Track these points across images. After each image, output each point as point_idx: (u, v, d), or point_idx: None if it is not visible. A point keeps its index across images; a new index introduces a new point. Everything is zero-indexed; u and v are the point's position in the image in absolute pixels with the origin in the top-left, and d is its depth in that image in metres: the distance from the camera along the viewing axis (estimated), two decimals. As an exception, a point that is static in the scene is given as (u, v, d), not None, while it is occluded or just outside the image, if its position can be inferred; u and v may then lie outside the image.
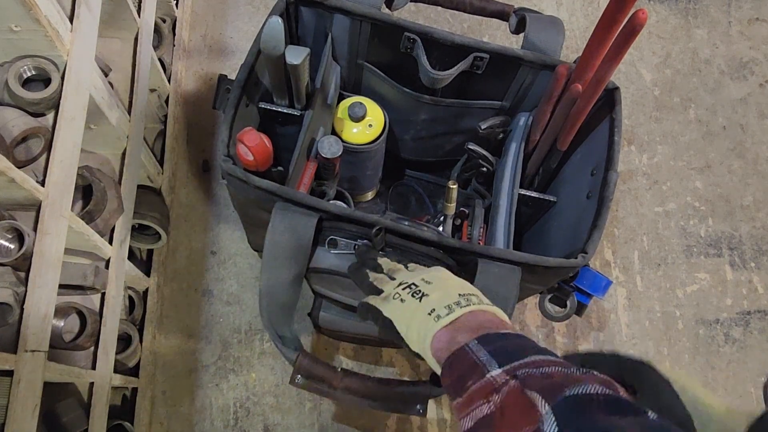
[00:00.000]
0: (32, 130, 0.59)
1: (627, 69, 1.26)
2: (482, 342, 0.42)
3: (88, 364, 0.71)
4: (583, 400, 0.33)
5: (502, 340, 0.42)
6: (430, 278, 0.52)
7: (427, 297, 0.49)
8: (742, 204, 1.19)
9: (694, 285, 1.12)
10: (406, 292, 0.51)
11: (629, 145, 1.21)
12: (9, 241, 0.56)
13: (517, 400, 0.36)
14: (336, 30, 0.79)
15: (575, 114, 0.72)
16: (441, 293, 0.49)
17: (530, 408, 0.34)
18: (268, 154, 0.64)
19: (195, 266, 1.01)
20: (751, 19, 1.33)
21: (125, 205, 0.76)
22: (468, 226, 0.91)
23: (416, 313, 0.48)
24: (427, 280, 0.52)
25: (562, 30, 0.79)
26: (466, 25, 1.25)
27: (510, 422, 0.35)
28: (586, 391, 0.33)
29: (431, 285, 0.51)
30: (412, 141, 0.97)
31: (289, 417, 0.95)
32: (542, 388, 0.35)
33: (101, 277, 0.69)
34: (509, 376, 0.38)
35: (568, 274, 0.68)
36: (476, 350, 0.42)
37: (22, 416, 0.52)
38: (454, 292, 0.49)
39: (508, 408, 0.36)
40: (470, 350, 0.42)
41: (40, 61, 0.60)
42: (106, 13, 0.73)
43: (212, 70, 1.13)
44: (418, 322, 0.48)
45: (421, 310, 0.48)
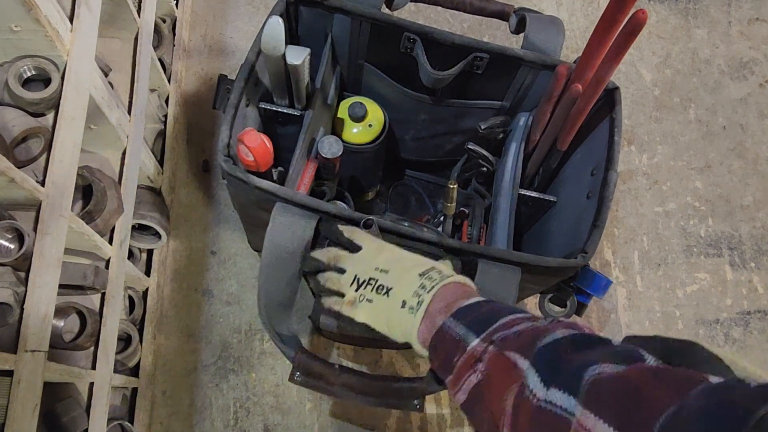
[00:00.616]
0: (32, 130, 0.59)
1: (627, 69, 1.26)
2: (456, 317, 0.45)
3: (88, 364, 0.71)
4: (554, 347, 0.36)
5: (474, 310, 0.45)
6: (383, 264, 0.52)
7: (392, 290, 0.50)
8: (742, 204, 1.19)
9: (694, 285, 1.12)
10: (369, 291, 0.51)
11: (629, 145, 1.21)
12: (9, 241, 0.56)
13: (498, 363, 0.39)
14: (336, 30, 0.79)
15: (575, 114, 0.72)
16: (402, 281, 0.49)
17: (512, 367, 0.37)
18: (269, 154, 0.64)
19: (195, 266, 1.02)
20: (751, 19, 1.33)
21: (125, 205, 0.76)
22: (468, 226, 0.91)
23: (390, 311, 0.49)
24: (381, 268, 0.52)
25: (562, 30, 0.79)
26: (466, 25, 1.25)
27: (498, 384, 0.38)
28: (554, 338, 0.37)
29: (389, 274, 0.51)
30: (412, 141, 0.97)
31: (289, 417, 0.95)
32: (518, 346, 0.38)
33: (101, 277, 0.69)
34: (487, 343, 0.41)
35: (568, 274, 0.68)
36: (453, 326, 0.44)
37: (22, 416, 0.52)
38: (413, 274, 0.49)
39: (493, 372, 0.39)
40: (448, 328, 0.44)
41: (40, 61, 0.60)
42: (106, 13, 0.73)
43: (212, 70, 1.13)
44: (396, 319, 0.49)
45: (393, 306, 0.49)
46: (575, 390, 0.32)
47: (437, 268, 0.51)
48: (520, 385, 0.36)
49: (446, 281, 0.49)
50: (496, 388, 0.38)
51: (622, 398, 0.30)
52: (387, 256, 0.53)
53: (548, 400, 0.33)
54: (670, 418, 0.27)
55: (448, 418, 0.99)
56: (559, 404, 0.33)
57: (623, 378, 0.31)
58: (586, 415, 0.31)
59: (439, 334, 0.45)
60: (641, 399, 0.29)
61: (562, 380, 0.33)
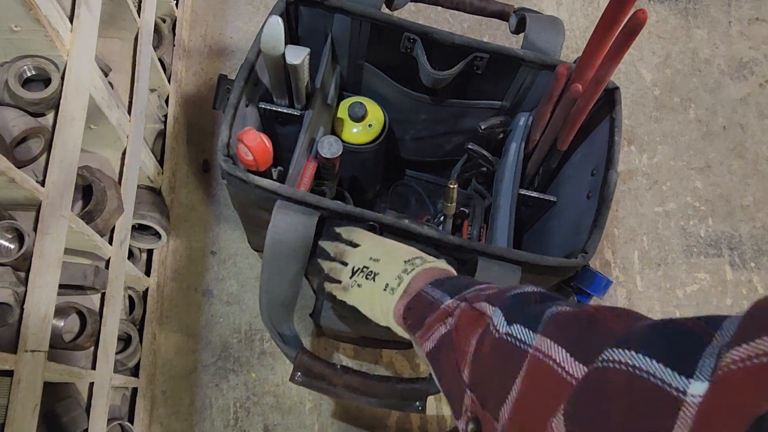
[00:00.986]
0: (32, 130, 0.59)
1: (627, 69, 1.26)
2: (435, 285, 0.48)
3: (88, 364, 0.70)
4: (521, 297, 0.39)
5: (452, 280, 0.48)
6: (377, 254, 0.55)
7: (378, 275, 0.53)
8: (742, 204, 1.19)
9: (694, 285, 1.12)
10: (361, 277, 0.54)
11: (629, 145, 1.21)
12: (9, 241, 0.56)
13: (468, 314, 0.41)
14: (336, 30, 0.79)
15: (575, 114, 0.72)
16: (389, 266, 0.53)
17: (480, 316, 0.40)
18: (268, 153, 0.64)
19: (195, 266, 1.01)
20: (751, 19, 1.33)
21: (125, 205, 0.76)
22: (468, 225, 0.91)
23: (374, 293, 0.52)
24: (374, 258, 0.55)
25: (562, 30, 0.79)
26: (466, 25, 1.25)
27: (464, 332, 0.40)
28: (523, 290, 0.40)
29: (379, 262, 0.54)
30: (412, 141, 0.97)
31: (289, 417, 0.95)
32: (488, 297, 0.41)
33: (101, 277, 0.69)
34: (460, 300, 0.43)
35: (568, 274, 0.68)
36: (430, 291, 0.47)
37: (22, 416, 0.52)
38: (400, 261, 0.53)
39: (461, 322, 0.41)
40: (425, 293, 0.47)
41: (40, 61, 0.60)
42: (106, 13, 0.73)
43: (212, 70, 1.13)
44: (378, 301, 0.52)
45: (377, 289, 0.52)
46: (535, 326, 0.34)
47: (423, 257, 0.54)
48: (485, 326, 0.38)
49: (427, 265, 0.52)
50: (464, 333, 0.40)
51: (576, 325, 0.32)
52: (382, 249, 0.56)
53: (509, 333, 0.35)
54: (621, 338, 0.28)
55: (449, 418, 0.98)
56: (518, 337, 0.34)
57: (582, 312, 0.33)
58: (542, 339, 0.32)
59: (416, 299, 0.48)
60: (594, 326, 0.31)
61: (524, 318, 0.35)
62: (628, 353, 0.26)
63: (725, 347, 0.22)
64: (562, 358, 0.30)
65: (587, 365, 0.29)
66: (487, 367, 0.36)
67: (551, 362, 0.31)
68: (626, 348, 0.26)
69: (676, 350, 0.25)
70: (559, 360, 0.30)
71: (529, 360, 0.32)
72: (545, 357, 0.31)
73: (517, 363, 0.33)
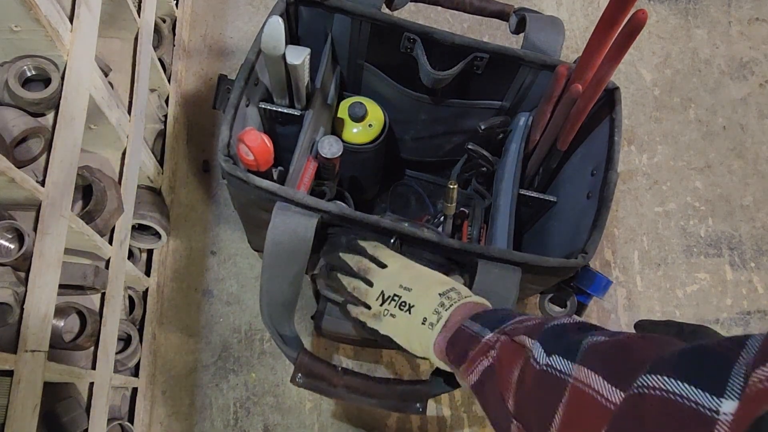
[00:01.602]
0: (32, 130, 0.59)
1: (627, 69, 1.26)
2: (474, 319, 0.49)
3: (88, 364, 0.71)
4: (559, 328, 0.40)
5: (489, 314, 0.49)
6: (407, 281, 0.55)
7: (414, 308, 0.53)
8: (742, 204, 1.19)
9: (694, 285, 1.12)
10: (393, 306, 0.55)
11: (629, 145, 1.21)
12: (9, 241, 0.56)
13: (509, 347, 0.43)
14: (336, 30, 0.79)
15: (575, 114, 0.72)
16: (424, 300, 0.53)
17: (519, 348, 0.41)
18: (269, 154, 0.64)
19: (195, 266, 1.01)
20: (751, 19, 1.33)
21: (125, 205, 0.76)
22: (468, 226, 0.91)
23: (411, 326, 0.53)
24: (405, 287, 0.55)
25: (562, 30, 0.79)
26: (466, 25, 1.25)
27: (507, 364, 0.42)
28: (560, 323, 0.41)
29: (412, 292, 0.54)
30: (412, 141, 0.97)
31: (289, 417, 0.95)
32: (527, 331, 0.42)
33: (101, 277, 0.69)
34: (500, 333, 0.45)
35: (568, 274, 0.68)
36: (470, 326, 0.48)
37: (22, 416, 0.52)
38: (434, 293, 0.53)
39: (503, 355, 0.43)
40: (466, 327, 0.49)
41: (40, 61, 0.60)
42: (106, 13, 0.73)
43: (212, 70, 1.13)
44: (416, 335, 0.52)
45: (414, 322, 0.52)
46: (573, 356, 0.36)
47: (456, 289, 0.54)
48: (525, 359, 0.40)
49: (464, 300, 0.52)
50: (506, 366, 0.42)
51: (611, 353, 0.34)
52: (411, 274, 0.57)
53: (549, 364, 0.37)
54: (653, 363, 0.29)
55: (449, 419, 0.99)
56: (558, 368, 0.36)
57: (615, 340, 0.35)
58: (580, 369, 0.34)
59: (457, 333, 0.49)
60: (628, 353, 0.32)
61: (562, 349, 0.37)
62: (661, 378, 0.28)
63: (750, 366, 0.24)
64: (600, 386, 0.32)
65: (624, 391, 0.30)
66: (531, 397, 0.38)
67: (590, 390, 0.32)
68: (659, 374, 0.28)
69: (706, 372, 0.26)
70: (598, 387, 0.32)
71: (570, 389, 0.34)
72: (584, 386, 0.33)
73: (558, 392, 0.35)
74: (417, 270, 0.58)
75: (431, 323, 0.51)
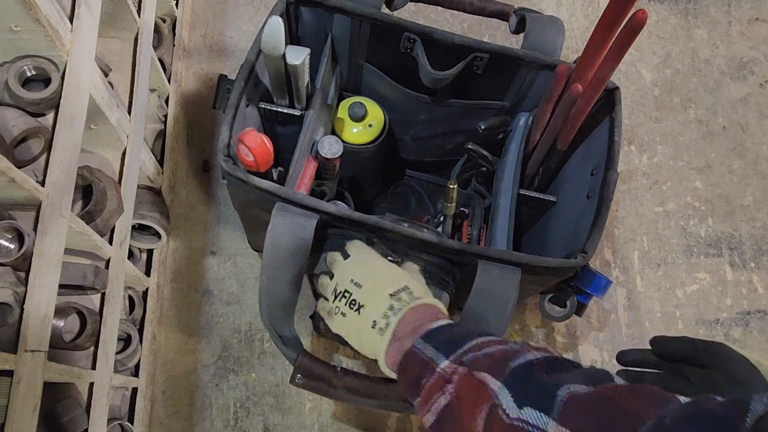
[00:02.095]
0: (32, 130, 0.59)
1: (627, 69, 1.26)
2: (426, 339, 0.45)
3: (88, 364, 0.71)
4: (526, 368, 0.37)
5: (443, 332, 0.46)
6: (359, 277, 0.53)
7: (363, 308, 0.51)
8: (742, 204, 1.19)
9: (694, 285, 1.12)
10: (343, 304, 0.53)
11: (629, 145, 1.21)
12: (9, 241, 0.56)
13: (468, 383, 0.39)
14: (336, 30, 0.79)
15: (575, 114, 0.72)
16: (374, 300, 0.51)
17: (482, 387, 0.38)
18: (269, 154, 0.64)
19: (195, 266, 1.01)
20: (751, 19, 1.33)
21: (125, 205, 0.76)
22: (468, 226, 0.91)
23: (360, 328, 0.51)
24: (356, 281, 0.53)
25: (562, 30, 0.79)
26: (466, 25, 1.25)
27: (467, 405, 0.38)
28: (526, 360, 0.38)
29: (362, 289, 0.52)
30: (412, 141, 0.97)
31: (289, 417, 0.95)
32: (488, 367, 0.38)
33: (101, 277, 0.69)
34: (457, 364, 0.41)
35: (568, 274, 0.68)
36: (423, 348, 0.45)
37: (22, 416, 0.52)
38: (385, 293, 0.51)
39: (462, 393, 0.39)
40: (418, 350, 0.45)
41: (40, 61, 0.60)
42: (106, 13, 0.73)
43: (212, 70, 1.13)
44: (366, 338, 0.50)
45: (364, 324, 0.50)
46: (548, 408, 0.33)
47: (409, 288, 0.51)
48: (491, 405, 0.36)
49: (414, 304, 0.49)
50: (466, 408, 0.38)
51: (600, 411, 0.30)
52: (364, 270, 0.55)
53: (521, 419, 0.34)
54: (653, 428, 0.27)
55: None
56: (532, 422, 0.33)
57: (598, 394, 0.32)
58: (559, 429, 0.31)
59: (408, 356, 0.46)
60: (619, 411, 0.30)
61: (534, 399, 0.34)
62: None
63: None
64: None
65: None
66: None
67: None
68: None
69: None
70: None
71: None
72: None
73: None
74: (371, 265, 0.55)
75: (381, 328, 0.49)
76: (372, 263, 0.56)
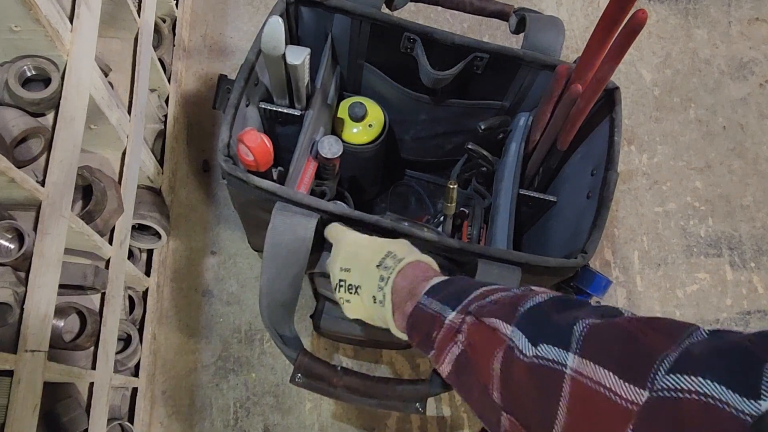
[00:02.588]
0: (32, 130, 0.59)
1: (627, 69, 1.26)
2: (429, 294, 0.46)
3: (88, 364, 0.71)
4: (537, 309, 0.37)
5: (447, 285, 0.46)
6: (346, 262, 0.54)
7: (360, 288, 0.52)
8: (742, 204, 1.19)
9: (694, 285, 1.12)
10: (344, 292, 0.54)
11: (629, 145, 1.21)
12: (9, 241, 0.56)
13: (480, 332, 0.40)
14: (336, 30, 0.79)
15: (575, 114, 0.72)
16: (365, 277, 0.51)
17: (493, 332, 0.38)
18: (269, 154, 0.64)
19: (195, 266, 1.01)
20: (751, 19, 1.33)
21: (125, 205, 0.76)
22: (468, 226, 0.91)
23: (366, 307, 0.52)
24: (344, 267, 0.54)
25: (562, 30, 0.79)
26: (466, 25, 1.25)
27: (481, 350, 0.39)
28: (536, 302, 0.38)
29: (351, 272, 0.53)
30: (412, 141, 0.97)
31: (289, 417, 0.95)
32: (496, 312, 0.39)
33: (101, 277, 0.69)
34: (464, 314, 0.42)
35: (568, 274, 0.68)
36: (428, 304, 0.45)
37: (22, 416, 0.52)
38: (372, 267, 0.51)
39: (473, 340, 0.40)
40: (423, 306, 0.46)
41: (40, 61, 0.60)
42: (106, 13, 0.73)
43: (212, 70, 1.13)
44: (373, 313, 0.52)
45: (367, 302, 0.51)
46: (566, 343, 0.33)
47: (392, 252, 0.52)
48: (506, 348, 0.36)
49: (400, 266, 0.50)
50: (481, 354, 0.39)
51: (620, 345, 0.30)
52: (345, 253, 0.55)
53: (539, 356, 0.34)
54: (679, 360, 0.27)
55: (449, 418, 0.98)
56: (550, 358, 0.33)
57: (617, 326, 0.32)
58: (584, 363, 0.31)
59: (415, 312, 0.46)
60: (639, 345, 0.30)
61: (550, 336, 0.34)
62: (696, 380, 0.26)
63: None
64: (613, 383, 0.29)
65: (643, 388, 0.28)
66: (522, 391, 0.35)
67: (600, 388, 0.30)
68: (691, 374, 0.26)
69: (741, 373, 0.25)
70: (609, 385, 0.29)
71: (572, 383, 0.31)
72: (592, 383, 0.30)
73: (555, 386, 0.32)
74: (351, 245, 0.56)
75: (380, 301, 0.49)
76: (352, 243, 0.56)
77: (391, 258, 0.51)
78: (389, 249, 0.52)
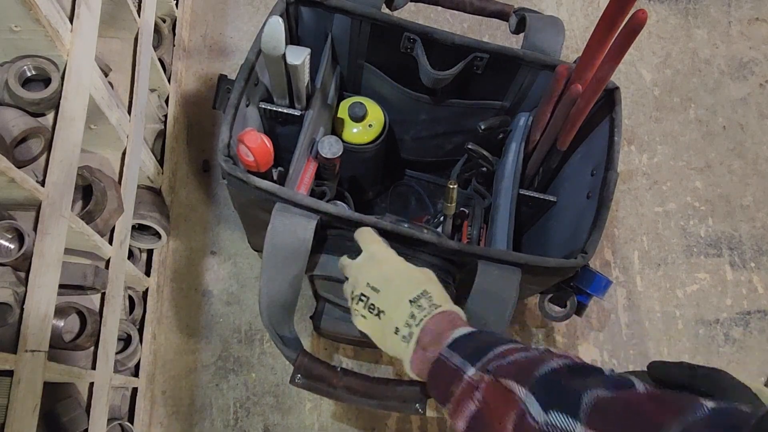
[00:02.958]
0: (32, 130, 0.59)
1: (627, 69, 1.26)
2: (453, 348, 0.46)
3: (88, 364, 0.71)
4: (551, 375, 0.38)
5: (470, 341, 0.47)
6: (376, 281, 0.53)
7: (383, 314, 0.51)
8: (742, 204, 1.19)
9: (694, 285, 1.12)
10: (362, 308, 0.53)
11: (629, 145, 1.21)
12: (9, 241, 0.56)
13: (495, 391, 0.40)
14: (336, 30, 0.79)
15: (575, 114, 0.72)
16: (394, 307, 0.51)
17: (508, 394, 0.39)
18: (269, 154, 0.64)
19: (195, 266, 1.01)
20: (751, 19, 1.33)
21: (125, 205, 0.76)
22: (468, 226, 0.91)
23: (384, 333, 0.51)
24: (373, 286, 0.53)
25: (562, 30, 0.79)
26: (466, 25, 1.25)
27: (495, 411, 0.40)
28: (551, 367, 0.39)
29: (380, 294, 0.52)
30: (412, 141, 0.97)
31: (289, 417, 0.95)
32: (514, 374, 0.40)
33: (101, 277, 0.69)
34: (483, 371, 0.42)
35: (568, 274, 0.68)
36: (450, 357, 0.46)
37: (22, 416, 0.52)
38: (405, 300, 0.50)
39: (489, 399, 0.41)
40: (445, 359, 0.46)
41: (40, 61, 0.60)
42: (106, 13, 0.73)
43: (212, 70, 1.13)
44: (390, 343, 0.51)
45: (387, 330, 0.51)
46: (574, 412, 0.34)
47: (428, 293, 0.51)
48: (519, 412, 0.38)
49: (435, 312, 0.50)
50: (495, 414, 0.40)
51: (626, 418, 0.32)
52: (378, 273, 0.54)
53: (549, 423, 0.35)
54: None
55: (449, 419, 0.98)
56: (560, 426, 0.34)
57: (623, 400, 0.33)
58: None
59: (437, 366, 0.47)
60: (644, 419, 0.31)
61: (560, 403, 0.35)
62: None
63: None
64: None
65: None
66: None
67: None
68: None
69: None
70: None
71: None
72: None
73: None
74: (387, 266, 0.55)
75: (404, 336, 0.49)
76: (388, 264, 0.55)
77: (427, 299, 0.51)
78: (426, 288, 0.52)
